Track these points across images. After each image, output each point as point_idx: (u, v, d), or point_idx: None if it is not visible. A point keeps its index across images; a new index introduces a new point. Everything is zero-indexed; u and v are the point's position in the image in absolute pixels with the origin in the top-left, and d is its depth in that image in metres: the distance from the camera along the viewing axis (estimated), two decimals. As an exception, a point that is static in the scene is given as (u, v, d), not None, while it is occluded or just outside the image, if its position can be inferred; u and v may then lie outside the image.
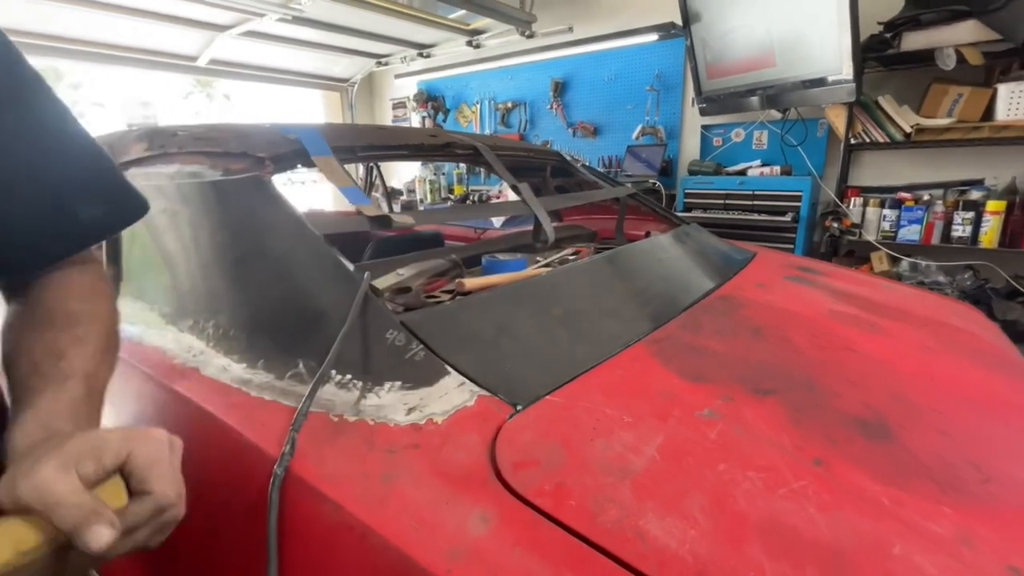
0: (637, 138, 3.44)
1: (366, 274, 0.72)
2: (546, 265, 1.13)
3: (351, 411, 0.59)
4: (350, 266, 0.73)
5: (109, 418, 0.39)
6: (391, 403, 0.60)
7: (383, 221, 0.93)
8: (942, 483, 0.50)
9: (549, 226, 1.29)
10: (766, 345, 0.82)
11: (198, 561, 0.57)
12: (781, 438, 0.57)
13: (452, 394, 0.61)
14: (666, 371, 0.72)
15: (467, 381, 0.63)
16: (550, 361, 0.72)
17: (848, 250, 2.53)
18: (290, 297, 0.71)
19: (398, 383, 0.62)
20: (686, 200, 3.77)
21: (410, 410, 0.59)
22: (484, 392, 0.62)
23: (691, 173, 3.86)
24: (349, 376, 0.63)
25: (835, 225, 2.53)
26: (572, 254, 1.28)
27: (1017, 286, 2.03)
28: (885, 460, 0.53)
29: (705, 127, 3.25)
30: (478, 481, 0.50)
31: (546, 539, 0.44)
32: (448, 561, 0.43)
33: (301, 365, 0.65)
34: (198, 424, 0.60)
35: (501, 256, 1.20)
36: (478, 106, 3.64)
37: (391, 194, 2.80)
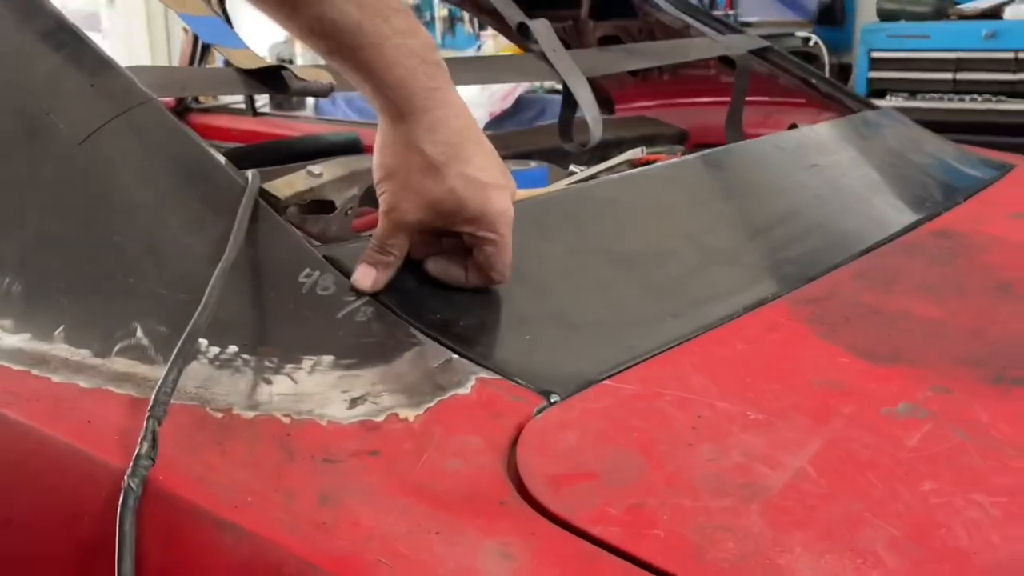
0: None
1: (251, 174, 0.81)
2: (588, 179, 1.23)
3: (244, 403, 0.67)
4: (220, 158, 0.82)
5: None
6: (318, 390, 0.68)
7: (271, 78, 1.02)
8: None
9: (593, 111, 1.38)
10: (1017, 308, 0.92)
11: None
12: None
13: (428, 376, 0.70)
14: (829, 345, 0.81)
15: (455, 355, 0.72)
16: (609, 326, 0.81)
17: None
18: (106, 218, 0.80)
19: (328, 359, 0.71)
20: (872, 72, 3.87)
21: (354, 401, 0.67)
22: (487, 373, 0.70)
23: (883, 18, 3.95)
24: (234, 348, 0.72)
25: None
26: (639, 165, 1.38)
27: None
28: None
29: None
30: (489, 501, 0.58)
31: (616, 585, 0.52)
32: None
33: (139, 331, 0.74)
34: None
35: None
36: None
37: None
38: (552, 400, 0.69)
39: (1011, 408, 0.72)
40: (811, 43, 3.75)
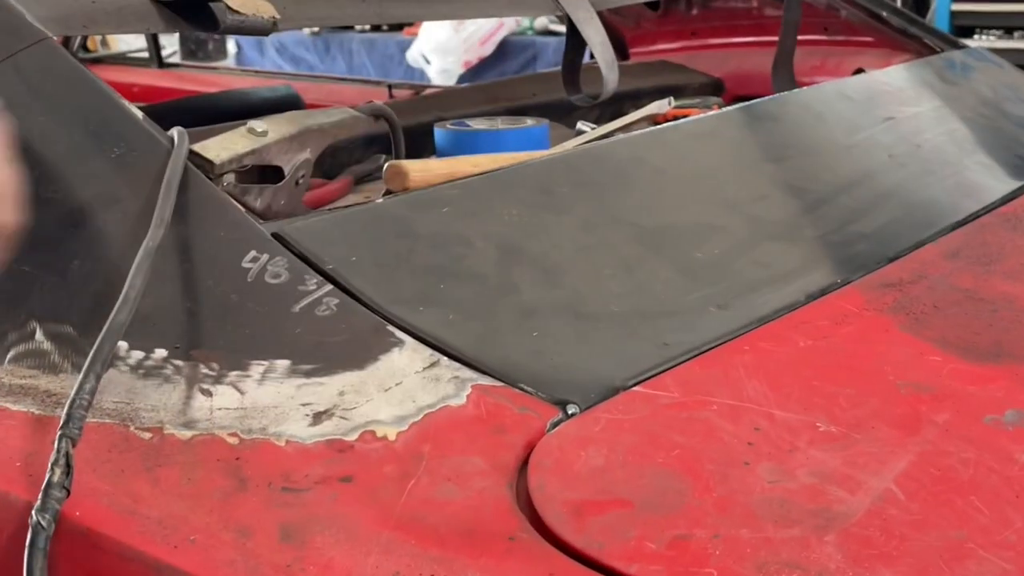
0: None
1: (175, 132, 0.82)
2: (602, 139, 1.25)
3: (179, 420, 0.68)
4: (136, 112, 0.83)
5: None
6: (273, 403, 0.69)
7: (196, 12, 1.03)
8: None
9: (607, 52, 1.40)
10: None
11: None
12: None
13: (412, 383, 0.71)
14: (916, 340, 0.82)
15: (444, 357, 0.73)
16: (637, 319, 0.82)
17: None
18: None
19: (283, 364, 0.72)
20: (956, 4, 3.88)
21: (318, 416, 0.68)
22: (487, 379, 0.71)
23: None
24: (162, 353, 0.73)
25: None
26: (664, 121, 1.39)
27: None
28: None
29: None
30: (495, 536, 0.59)
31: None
32: None
33: (39, 333, 0.75)
34: None
35: (480, 124, 1.30)
36: None
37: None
38: (569, 412, 0.69)
39: None
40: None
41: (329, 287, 0.76)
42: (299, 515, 0.61)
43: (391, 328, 0.75)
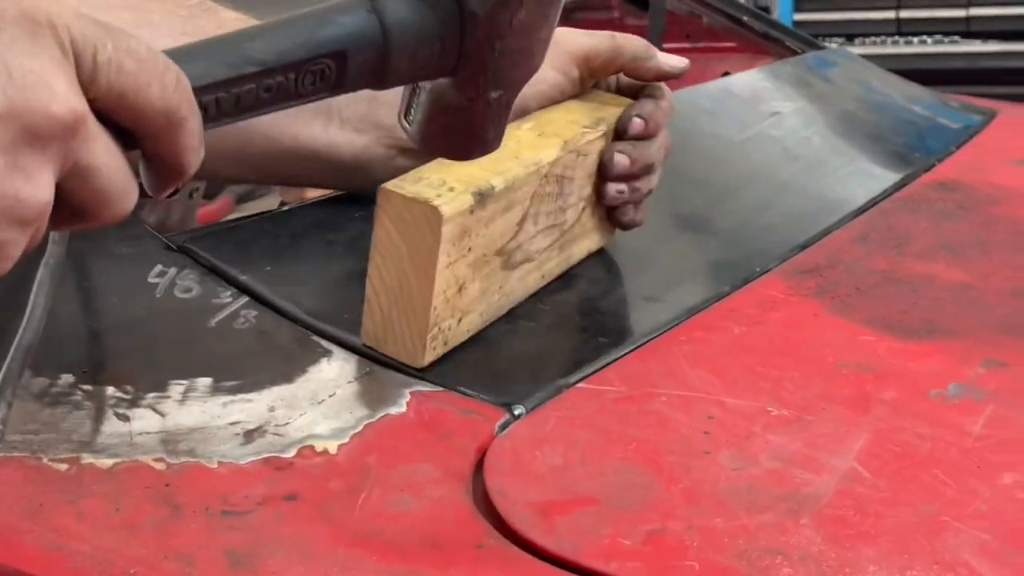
0: None
1: None
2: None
3: (96, 449, 0.63)
4: None
5: None
6: (198, 423, 0.65)
7: None
8: None
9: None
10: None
11: None
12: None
13: (346, 393, 0.68)
14: (845, 322, 0.83)
15: (375, 366, 0.70)
16: (569, 318, 0.81)
17: None
18: None
19: (204, 381, 0.68)
20: (798, 14, 4.00)
21: (250, 434, 0.64)
22: (424, 385, 0.69)
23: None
24: (70, 378, 0.67)
25: None
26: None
27: None
28: None
29: None
30: (462, 545, 0.56)
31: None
32: None
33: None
34: None
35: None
36: None
37: None
38: (516, 412, 0.67)
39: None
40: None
41: (245, 299, 0.73)
42: (245, 539, 0.57)
43: (316, 338, 0.72)
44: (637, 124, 0.82)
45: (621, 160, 0.82)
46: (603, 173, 0.83)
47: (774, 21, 2.02)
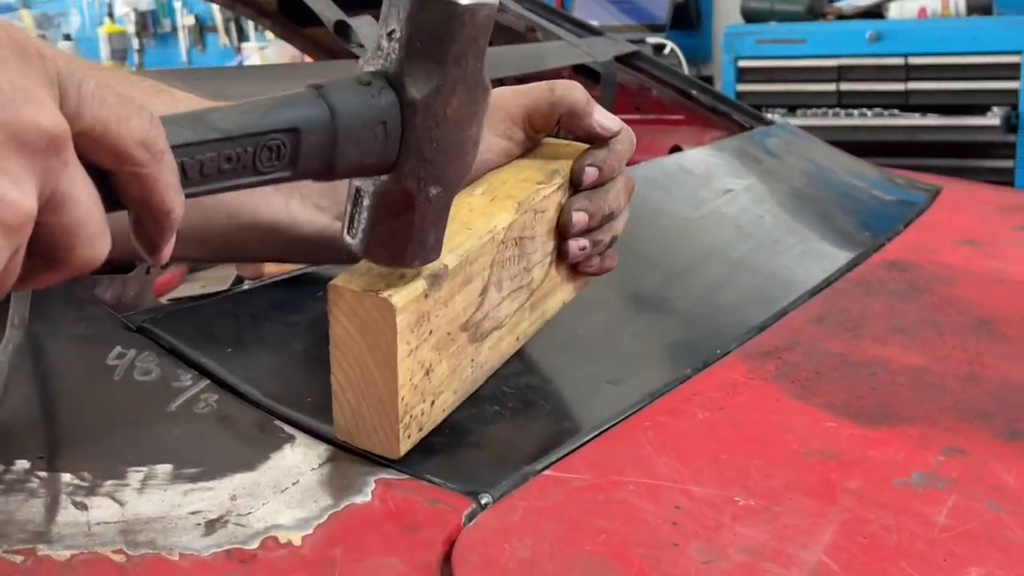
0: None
1: None
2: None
3: (52, 539, 0.61)
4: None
5: None
6: (157, 513, 0.63)
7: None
8: None
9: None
10: (1008, 349, 0.97)
11: None
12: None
13: (310, 481, 0.67)
14: (807, 407, 0.83)
15: (339, 451, 0.70)
16: (532, 402, 0.80)
17: None
18: None
19: (164, 468, 0.67)
20: (741, 85, 4.05)
21: (211, 524, 0.63)
22: (389, 472, 0.68)
23: (749, 18, 4.15)
24: (24, 464, 0.66)
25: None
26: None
27: None
28: None
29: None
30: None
31: None
32: None
33: None
34: None
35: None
36: None
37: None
38: (483, 502, 0.67)
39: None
40: (666, 51, 3.93)
41: (206, 382, 0.72)
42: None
43: (278, 423, 0.71)
44: (591, 173, 0.80)
45: (579, 218, 0.80)
46: (562, 232, 0.81)
47: (721, 95, 2.05)
